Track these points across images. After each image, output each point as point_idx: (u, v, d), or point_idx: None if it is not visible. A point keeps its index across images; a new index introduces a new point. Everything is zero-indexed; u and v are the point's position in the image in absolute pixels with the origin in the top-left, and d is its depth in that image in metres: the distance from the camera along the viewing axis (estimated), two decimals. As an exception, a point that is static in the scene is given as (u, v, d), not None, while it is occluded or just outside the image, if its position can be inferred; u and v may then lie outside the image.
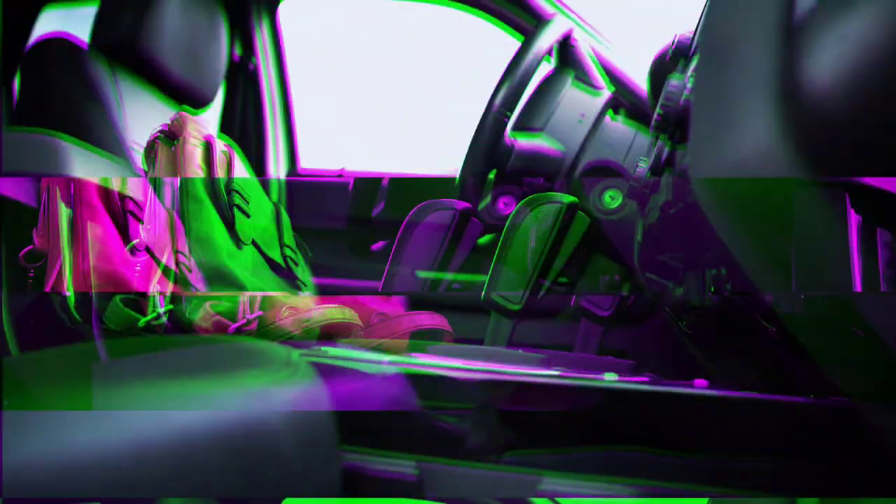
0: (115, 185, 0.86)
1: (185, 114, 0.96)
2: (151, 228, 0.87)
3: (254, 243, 0.96)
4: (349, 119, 1.64)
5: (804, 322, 0.42)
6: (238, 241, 0.91)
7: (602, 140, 1.14)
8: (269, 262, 0.99)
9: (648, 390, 0.60)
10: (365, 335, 0.89)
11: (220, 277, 0.85)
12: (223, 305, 0.84)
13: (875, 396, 0.42)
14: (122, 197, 0.90)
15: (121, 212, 0.89)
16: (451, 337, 1.01)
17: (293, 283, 1.04)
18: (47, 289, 0.82)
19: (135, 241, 0.86)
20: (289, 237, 1.08)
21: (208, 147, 0.94)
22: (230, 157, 0.97)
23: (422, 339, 1.02)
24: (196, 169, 0.90)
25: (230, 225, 0.91)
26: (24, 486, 0.33)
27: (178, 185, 0.89)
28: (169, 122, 0.96)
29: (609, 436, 0.59)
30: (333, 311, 0.95)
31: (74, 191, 0.87)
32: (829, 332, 0.41)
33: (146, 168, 0.93)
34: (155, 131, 0.94)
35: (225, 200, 0.91)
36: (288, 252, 1.05)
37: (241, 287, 0.86)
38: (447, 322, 1.00)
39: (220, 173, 0.93)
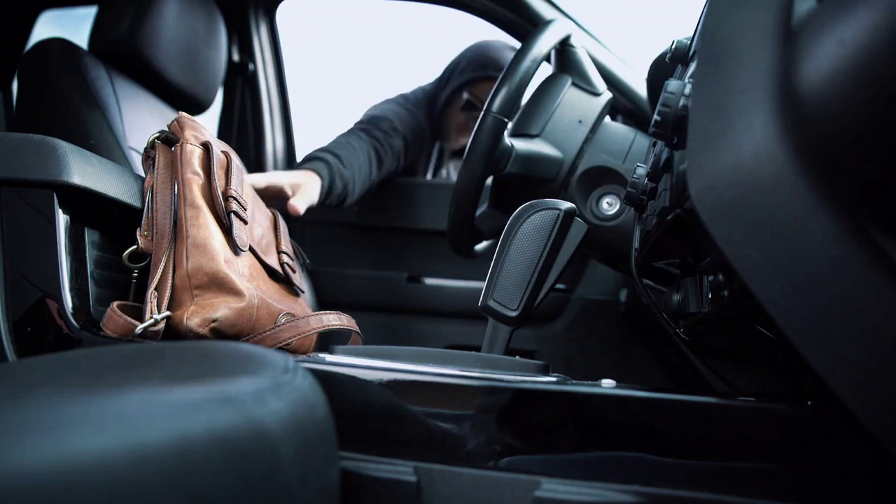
0: (111, 192, 0.86)
1: (183, 117, 0.95)
2: (150, 234, 0.86)
3: (251, 250, 0.95)
4: (347, 121, 1.64)
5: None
6: (236, 248, 0.90)
7: (600, 144, 1.14)
8: (267, 269, 0.98)
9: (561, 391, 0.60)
10: (272, 335, 0.89)
11: (218, 284, 0.84)
12: (221, 312, 0.83)
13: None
14: (227, 197, 0.91)
15: (224, 212, 0.90)
16: (359, 337, 1.01)
17: (291, 289, 1.04)
18: (151, 289, 0.83)
19: (132, 248, 0.86)
20: (286, 244, 1.08)
21: (206, 151, 0.93)
22: (229, 160, 0.96)
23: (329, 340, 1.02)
24: (194, 173, 0.89)
25: (227, 231, 0.90)
26: (20, 490, 0.33)
27: (176, 189, 0.89)
28: (168, 125, 0.94)
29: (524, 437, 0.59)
30: (331, 318, 0.95)
31: (178, 191, 0.88)
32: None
33: (146, 171, 0.92)
34: (154, 134, 0.92)
35: (223, 206, 0.90)
36: (285, 259, 1.04)
37: (239, 294, 0.85)
38: (355, 322, 0.99)
39: (220, 177, 0.92)
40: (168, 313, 0.82)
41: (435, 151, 1.86)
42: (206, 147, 0.93)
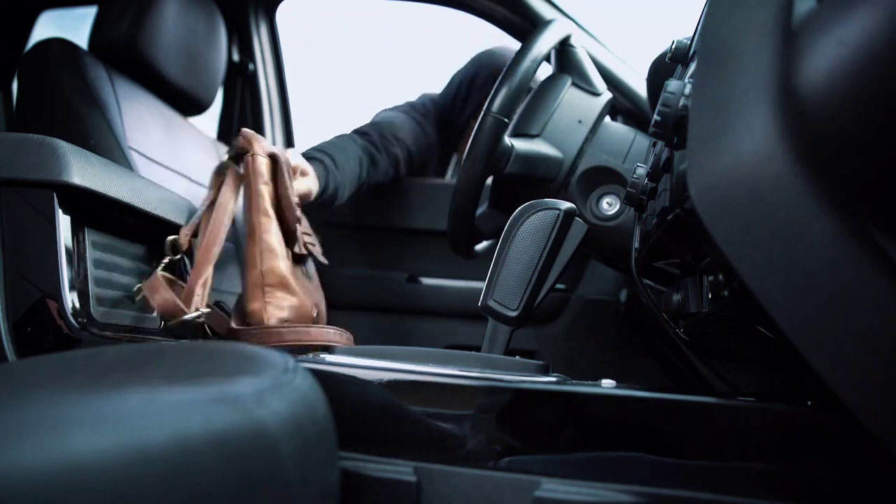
0: (111, 192, 0.86)
1: (248, 132, 1.05)
2: (195, 235, 0.99)
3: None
4: (347, 121, 1.64)
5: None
6: (293, 252, 1.05)
7: (600, 144, 1.14)
8: (295, 258, 1.09)
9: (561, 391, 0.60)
10: (277, 334, 0.97)
11: (284, 285, 1.00)
12: (286, 312, 0.99)
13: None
14: (294, 205, 1.06)
15: (294, 219, 1.06)
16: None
17: (307, 272, 1.13)
18: (198, 283, 0.93)
19: (172, 238, 0.98)
20: (306, 225, 1.15)
21: (274, 162, 1.04)
22: (288, 167, 1.07)
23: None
24: (265, 184, 1.02)
25: (289, 234, 1.05)
26: (20, 490, 0.33)
27: (247, 201, 1.01)
28: (234, 143, 1.06)
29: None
30: (331, 335, 1.01)
31: (250, 199, 1.02)
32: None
33: (212, 186, 1.03)
34: (228, 154, 1.06)
35: (295, 215, 1.04)
36: (307, 239, 1.13)
37: (297, 294, 1.01)
38: (353, 341, 1.05)
39: (286, 184, 1.05)
40: (207, 310, 0.93)
41: (453, 162, 1.84)
42: (273, 158, 1.05)
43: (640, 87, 1.53)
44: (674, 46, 0.67)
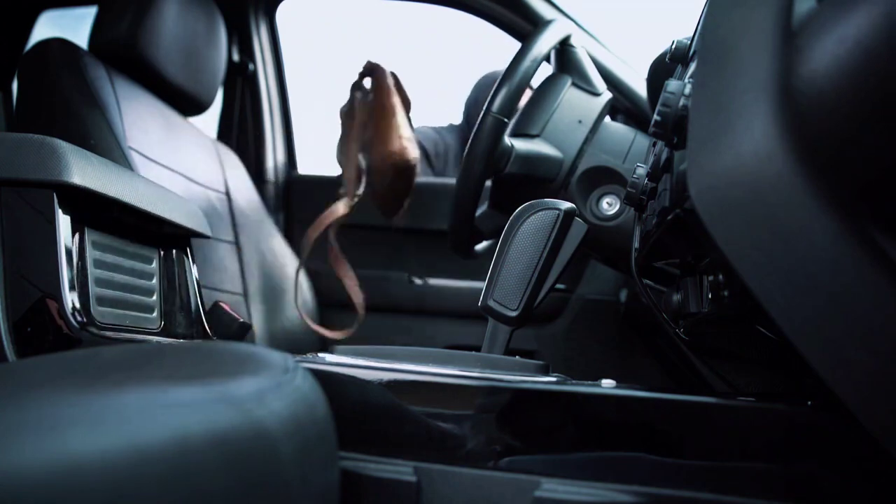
0: (111, 192, 0.86)
1: (370, 61, 1.62)
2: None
3: None
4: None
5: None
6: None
7: (600, 144, 1.14)
8: None
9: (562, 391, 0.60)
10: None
11: (412, 140, 1.61)
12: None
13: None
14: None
15: (409, 108, 1.67)
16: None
17: None
18: (359, 187, 1.65)
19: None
20: None
21: (396, 79, 1.64)
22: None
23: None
24: (393, 86, 1.61)
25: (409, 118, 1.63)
26: (20, 490, 0.33)
27: (379, 95, 1.60)
28: (364, 67, 1.62)
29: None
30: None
31: (385, 98, 1.60)
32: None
33: (352, 97, 1.64)
34: (359, 72, 1.63)
35: (409, 103, 1.65)
36: None
37: (416, 146, 1.63)
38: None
39: (403, 88, 1.65)
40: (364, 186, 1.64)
41: None
42: (395, 75, 1.64)
43: (640, 87, 1.53)
44: (674, 46, 0.67)
